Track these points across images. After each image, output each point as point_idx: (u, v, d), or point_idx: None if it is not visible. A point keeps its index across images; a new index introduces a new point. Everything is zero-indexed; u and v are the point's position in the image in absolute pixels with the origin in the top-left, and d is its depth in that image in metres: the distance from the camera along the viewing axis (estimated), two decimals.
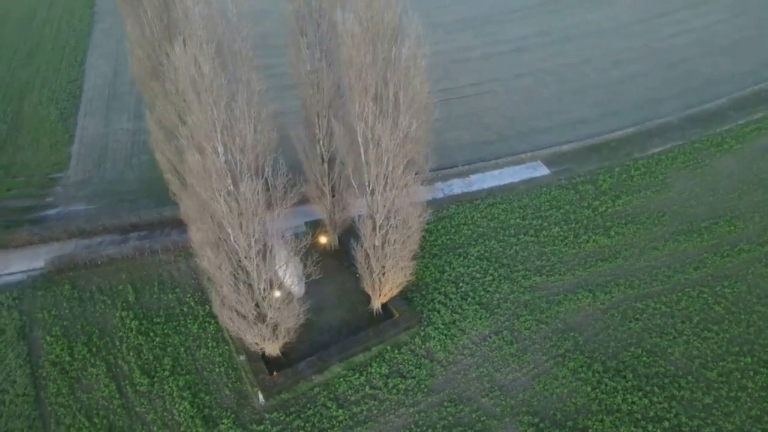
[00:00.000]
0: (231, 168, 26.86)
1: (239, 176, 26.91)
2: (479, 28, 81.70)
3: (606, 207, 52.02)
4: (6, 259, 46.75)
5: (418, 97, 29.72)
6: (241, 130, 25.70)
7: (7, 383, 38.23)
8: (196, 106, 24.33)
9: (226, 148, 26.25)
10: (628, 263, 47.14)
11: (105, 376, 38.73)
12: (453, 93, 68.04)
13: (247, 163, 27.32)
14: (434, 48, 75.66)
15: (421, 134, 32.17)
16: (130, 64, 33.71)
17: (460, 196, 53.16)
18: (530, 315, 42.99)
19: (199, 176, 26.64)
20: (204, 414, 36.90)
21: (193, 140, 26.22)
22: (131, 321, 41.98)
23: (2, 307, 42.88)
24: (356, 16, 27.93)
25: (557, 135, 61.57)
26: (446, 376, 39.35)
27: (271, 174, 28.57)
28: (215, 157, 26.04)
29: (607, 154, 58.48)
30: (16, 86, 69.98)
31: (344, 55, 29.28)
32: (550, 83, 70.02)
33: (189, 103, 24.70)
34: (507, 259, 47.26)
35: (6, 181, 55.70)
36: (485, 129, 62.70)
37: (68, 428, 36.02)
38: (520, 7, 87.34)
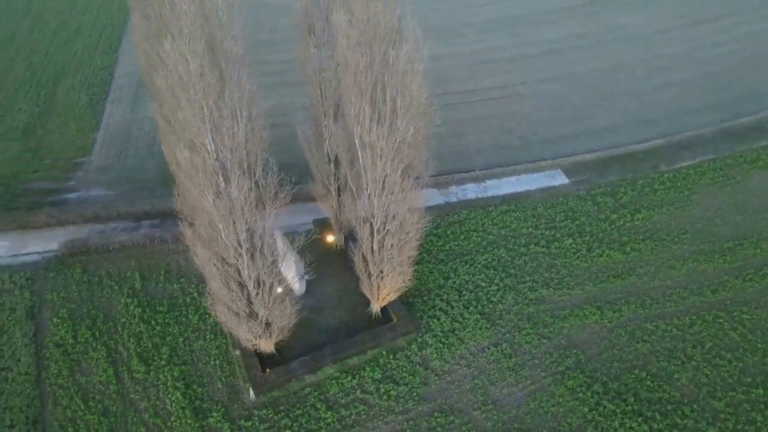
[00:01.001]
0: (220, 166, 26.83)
1: (229, 174, 26.86)
2: (510, 29, 79.93)
3: (624, 221, 50.18)
4: (24, 240, 48.24)
5: (415, 102, 28.98)
6: (229, 128, 25.61)
7: (11, 361, 39.44)
8: (184, 103, 24.37)
9: (215, 145, 26.22)
10: (642, 281, 45.37)
11: (104, 361, 39.54)
12: (478, 95, 66.81)
13: (237, 162, 27.26)
14: (462, 48, 75.48)
15: (419, 140, 31.48)
16: (137, 56, 34.15)
17: (473, 202, 52.14)
18: (533, 329, 41.85)
19: (188, 173, 26.72)
20: (195, 405, 37.29)
21: (183, 137, 26.29)
22: (135, 308, 42.73)
23: (15, 286, 44.21)
24: (352, 17, 27.40)
25: (581, 143, 59.74)
26: (440, 385, 38.70)
27: (262, 174, 28.40)
28: (204, 155, 26.06)
29: (631, 166, 56.39)
30: (51, 71, 72.04)
31: (340, 57, 28.87)
32: (579, 89, 67.96)
33: (177, 100, 24.77)
34: (515, 269, 46.12)
35: (33, 164, 57.44)
36: (507, 133, 61.32)
37: (64, 410, 36.93)
38: (555, 8, 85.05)
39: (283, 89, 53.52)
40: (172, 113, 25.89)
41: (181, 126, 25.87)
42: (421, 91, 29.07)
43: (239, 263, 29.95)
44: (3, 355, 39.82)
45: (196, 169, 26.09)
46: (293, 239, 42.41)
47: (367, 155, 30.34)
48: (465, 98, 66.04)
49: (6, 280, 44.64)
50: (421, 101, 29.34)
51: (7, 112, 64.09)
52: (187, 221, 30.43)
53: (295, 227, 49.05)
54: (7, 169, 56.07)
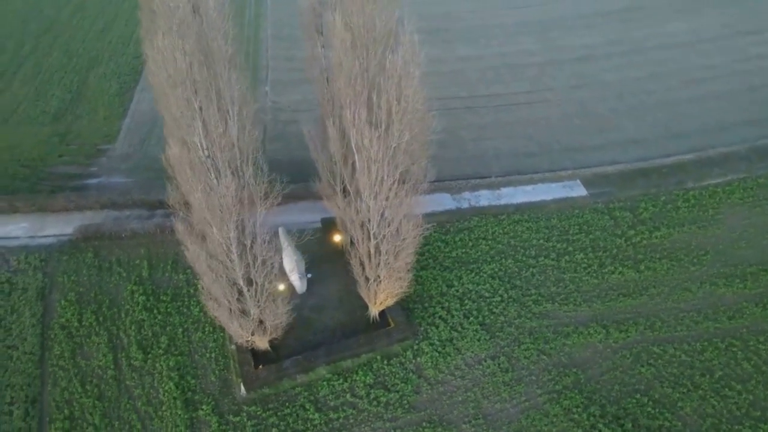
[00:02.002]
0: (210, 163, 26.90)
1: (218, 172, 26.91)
2: (543, 33, 78.03)
3: (641, 238, 48.33)
4: (43, 222, 49.72)
5: (411, 108, 28.38)
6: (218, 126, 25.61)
7: (18, 340, 40.72)
8: (173, 100, 24.49)
9: (205, 143, 26.29)
10: (654, 302, 43.63)
11: (105, 346, 40.40)
12: (502, 99, 65.44)
13: (227, 160, 27.27)
14: (491, 50, 74.17)
15: (416, 146, 30.88)
16: (144, 51, 34.62)
17: (485, 209, 51.08)
18: (533, 344, 40.76)
19: (177, 169, 26.91)
20: (186, 397, 37.74)
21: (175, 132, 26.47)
22: (139, 296, 43.51)
23: (29, 267, 45.60)
24: (347, 20, 26.99)
25: (605, 154, 57.87)
26: (431, 395, 38.10)
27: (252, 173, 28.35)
28: (194, 152, 26.17)
29: (655, 180, 54.26)
30: (86, 58, 74.08)
31: (334, 59, 28.53)
32: (609, 98, 65.83)
33: (166, 97, 24.94)
34: (521, 281, 45.01)
35: (60, 148, 59.16)
36: (529, 140, 59.89)
37: (62, 391, 37.92)
38: (593, 13, 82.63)
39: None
40: (166, 109, 26.07)
41: (173, 122, 26.03)
42: (417, 97, 28.40)
43: (228, 261, 30.03)
44: (11, 333, 41.13)
45: (184, 166, 26.23)
46: (299, 236, 42.73)
47: (362, 159, 29.96)
48: (488, 102, 64.79)
49: (22, 260, 46.08)
50: (418, 107, 28.67)
51: (41, 97, 66.19)
52: (180, 216, 30.69)
53: (304, 224, 49.24)
54: (34, 153, 57.91)
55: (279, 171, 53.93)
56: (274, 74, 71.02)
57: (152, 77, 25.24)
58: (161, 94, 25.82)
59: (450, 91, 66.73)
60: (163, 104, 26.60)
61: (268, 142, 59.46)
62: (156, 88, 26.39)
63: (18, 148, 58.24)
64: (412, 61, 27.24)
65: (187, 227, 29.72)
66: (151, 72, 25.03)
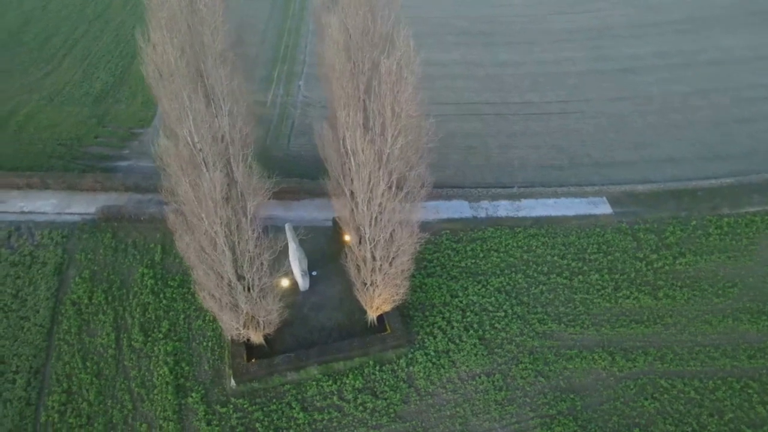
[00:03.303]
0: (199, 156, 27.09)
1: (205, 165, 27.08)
2: (589, 41, 75.18)
3: (663, 263, 45.88)
4: (70, 200, 51.71)
5: (404, 114, 27.68)
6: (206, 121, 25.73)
7: (31, 311, 42.47)
8: (162, 94, 24.78)
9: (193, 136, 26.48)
10: (668, 333, 41.37)
11: (110, 325, 41.62)
12: (535, 108, 63.50)
13: (217, 154, 27.38)
14: (532, 57, 72.01)
15: (411, 153, 30.15)
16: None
17: (502, 220, 49.68)
18: (532, 364, 39.37)
19: (166, 160, 27.25)
20: (179, 383, 38.42)
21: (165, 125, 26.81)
22: (149, 279, 44.59)
23: (52, 242, 47.49)
24: (342, 22, 26.53)
25: (637, 172, 55.25)
26: (419, 406, 37.39)
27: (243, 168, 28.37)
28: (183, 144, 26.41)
29: (687, 203, 51.38)
30: (133, 44, 76.01)
31: (327, 60, 28.14)
32: (649, 112, 62.79)
33: (156, 90, 25.25)
34: (528, 297, 43.55)
35: (96, 130, 61.33)
36: (558, 152, 57.86)
37: (64, 365, 39.32)
38: (646, 22, 78.94)
39: None
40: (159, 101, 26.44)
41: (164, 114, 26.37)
42: (411, 104, 27.65)
43: (215, 255, 30.23)
44: (26, 304, 42.94)
45: (172, 157, 26.53)
46: (308, 234, 42.66)
47: (355, 162, 29.52)
48: (521, 110, 63.00)
49: (45, 235, 48.04)
50: (411, 113, 27.94)
51: (86, 80, 68.81)
52: (172, 206, 31.12)
53: (319, 222, 49.30)
54: (72, 132, 60.24)
55: (301, 166, 55.06)
56: (309, 69, 71.25)
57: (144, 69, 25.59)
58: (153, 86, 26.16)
59: (483, 96, 65.32)
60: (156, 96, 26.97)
61: (293, 137, 59.80)
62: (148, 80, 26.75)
63: (58, 127, 60.71)
64: (406, 67, 26.47)
65: (178, 217, 30.09)
66: (143, 63, 25.42)
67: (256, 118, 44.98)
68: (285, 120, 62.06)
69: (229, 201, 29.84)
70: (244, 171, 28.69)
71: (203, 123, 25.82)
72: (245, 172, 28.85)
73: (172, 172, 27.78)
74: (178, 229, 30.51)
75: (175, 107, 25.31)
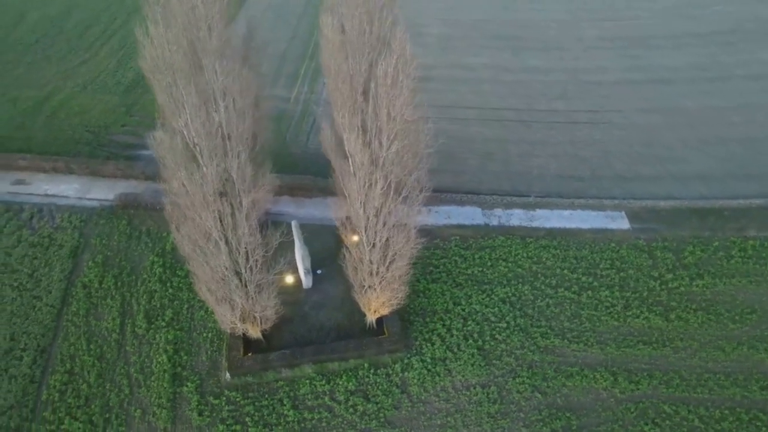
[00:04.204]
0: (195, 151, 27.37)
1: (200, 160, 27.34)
2: (623, 50, 72.98)
3: (679, 283, 44.13)
4: (91, 185, 53.21)
5: (399, 118, 27.31)
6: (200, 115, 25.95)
7: (44, 292, 43.85)
8: (157, 86, 25.15)
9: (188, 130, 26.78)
10: (677, 357, 39.76)
11: (116, 310, 42.60)
12: (560, 116, 62.02)
13: (212, 149, 27.60)
14: (563, 64, 70.44)
15: (408, 157, 29.74)
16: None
17: (514, 229, 48.67)
18: (530, 378, 38.44)
19: (160, 153, 27.66)
20: (176, 371, 39.02)
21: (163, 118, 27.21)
22: (158, 267, 45.45)
23: (70, 226, 48.94)
24: (338, 24, 26.33)
25: (661, 187, 53.31)
26: (410, 413, 36.96)
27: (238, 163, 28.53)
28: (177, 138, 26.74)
29: (712, 223, 49.27)
30: None
31: (323, 61, 27.99)
32: (681, 126, 60.51)
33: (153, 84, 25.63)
34: (533, 310, 42.54)
35: (124, 118, 62.95)
36: (580, 162, 56.35)
37: (69, 346, 40.43)
38: (685, 33, 76.14)
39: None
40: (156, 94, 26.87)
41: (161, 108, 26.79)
42: (406, 108, 27.23)
43: (209, 249, 30.52)
44: (40, 284, 44.36)
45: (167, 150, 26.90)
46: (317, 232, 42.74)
47: (350, 164, 29.33)
48: (545, 117, 61.65)
49: (65, 218, 49.53)
50: (407, 117, 27.53)
51: (120, 69, 70.72)
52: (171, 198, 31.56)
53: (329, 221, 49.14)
54: (101, 120, 61.98)
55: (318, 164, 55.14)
56: None
57: (142, 62, 26.02)
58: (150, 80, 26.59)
59: (508, 102, 64.20)
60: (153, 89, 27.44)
61: (313, 135, 59.92)
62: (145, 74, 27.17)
63: (88, 114, 62.57)
64: (402, 71, 26.07)
65: (175, 209, 30.51)
66: (141, 57, 25.84)
67: (269, 115, 45.46)
68: (306, 117, 62.36)
69: (225, 196, 30.05)
70: (239, 166, 28.82)
71: (197, 117, 26.08)
72: (240, 167, 28.98)
73: (167, 165, 28.17)
74: (175, 220, 30.92)
75: (170, 101, 25.68)
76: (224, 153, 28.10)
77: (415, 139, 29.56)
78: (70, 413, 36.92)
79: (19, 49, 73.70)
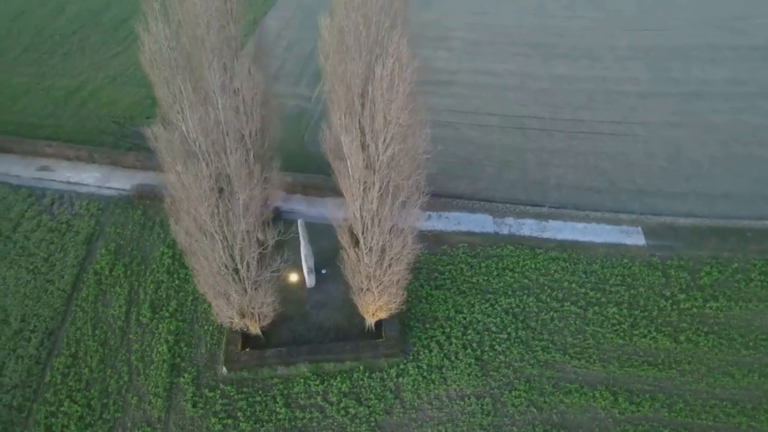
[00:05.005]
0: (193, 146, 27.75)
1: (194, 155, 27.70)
2: (658, 61, 70.86)
3: (692, 304, 42.56)
4: (111, 175, 54.60)
5: (394, 123, 27.07)
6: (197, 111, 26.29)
7: (57, 276, 45.17)
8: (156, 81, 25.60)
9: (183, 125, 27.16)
10: (683, 380, 38.36)
11: (123, 298, 43.55)
12: (584, 126, 60.63)
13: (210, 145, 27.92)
14: (591, 73, 69.07)
15: (405, 162, 29.46)
16: None
17: (524, 239, 47.76)
18: (527, 392, 37.65)
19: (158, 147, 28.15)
20: (175, 362, 39.64)
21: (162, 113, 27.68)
22: (167, 258, 46.27)
23: (87, 213, 50.30)
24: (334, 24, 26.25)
25: (683, 204, 51.53)
26: (401, 419, 36.65)
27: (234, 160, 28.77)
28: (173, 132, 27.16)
29: (732, 244, 47.35)
30: None
31: (321, 63, 27.96)
32: (711, 142, 58.42)
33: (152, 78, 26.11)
34: (536, 323, 41.66)
35: (149, 111, 64.12)
36: (600, 175, 54.95)
37: (76, 331, 41.54)
38: (726, 45, 73.43)
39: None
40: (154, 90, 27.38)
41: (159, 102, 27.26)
42: (402, 111, 26.96)
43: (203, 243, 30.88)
44: (54, 268, 45.71)
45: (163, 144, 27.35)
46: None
47: (345, 166, 29.25)
48: (568, 127, 60.38)
49: (84, 206, 50.95)
50: (402, 122, 27.26)
51: None
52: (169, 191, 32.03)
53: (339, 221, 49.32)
54: (127, 111, 63.58)
55: None
56: None
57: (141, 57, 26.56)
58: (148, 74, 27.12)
59: (531, 109, 63.13)
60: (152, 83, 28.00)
61: None
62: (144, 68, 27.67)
63: (115, 105, 64.28)
64: (398, 75, 25.82)
65: (174, 203, 30.99)
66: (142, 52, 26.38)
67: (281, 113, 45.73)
68: (326, 116, 62.45)
69: (223, 192, 30.36)
70: (235, 163, 29.08)
71: (195, 113, 26.44)
72: (237, 164, 29.23)
73: (165, 159, 28.66)
74: (173, 213, 31.41)
75: (168, 95, 26.12)
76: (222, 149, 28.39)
77: (412, 143, 29.27)
78: (70, 396, 37.91)
79: (56, 40, 76.35)
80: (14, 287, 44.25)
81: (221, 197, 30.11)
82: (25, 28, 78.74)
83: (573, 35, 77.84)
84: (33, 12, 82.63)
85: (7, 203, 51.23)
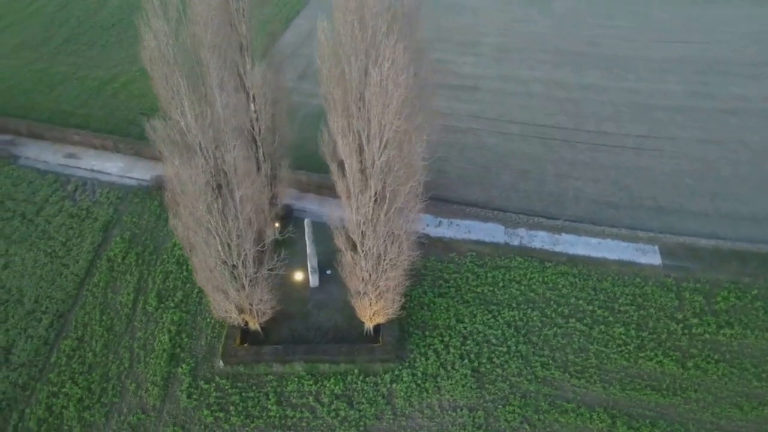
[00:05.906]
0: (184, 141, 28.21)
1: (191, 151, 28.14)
2: (692, 75, 68.51)
3: (704, 330, 40.92)
4: (134, 166, 56.10)
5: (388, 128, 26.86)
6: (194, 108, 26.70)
7: (72, 260, 46.62)
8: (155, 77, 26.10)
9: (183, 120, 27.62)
10: (687, 407, 36.89)
11: (132, 286, 44.62)
12: (608, 139, 59.05)
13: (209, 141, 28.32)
14: (622, 84, 67.39)
15: (400, 167, 29.20)
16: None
17: (534, 251, 46.81)
18: (521, 408, 36.86)
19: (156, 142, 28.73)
20: (174, 352, 40.36)
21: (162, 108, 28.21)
22: (177, 249, 47.08)
23: (107, 201, 51.78)
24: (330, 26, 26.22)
25: (706, 225, 49.62)
26: (391, 426, 36.39)
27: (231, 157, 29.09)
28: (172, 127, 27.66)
29: (754, 269, 45.30)
30: None
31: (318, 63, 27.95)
32: (742, 162, 56.09)
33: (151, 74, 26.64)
34: (538, 338, 40.76)
35: None
36: (620, 189, 53.40)
37: (85, 315, 42.77)
38: (764, 61, 70.49)
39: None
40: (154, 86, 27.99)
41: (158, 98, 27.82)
42: (397, 116, 26.72)
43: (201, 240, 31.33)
44: (70, 253, 47.19)
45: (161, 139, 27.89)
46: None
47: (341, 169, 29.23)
48: (591, 139, 58.94)
49: (104, 193, 52.50)
50: (396, 129, 27.03)
51: None
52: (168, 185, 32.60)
53: None
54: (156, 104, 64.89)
55: None
56: None
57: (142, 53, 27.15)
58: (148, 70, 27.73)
59: (555, 119, 61.89)
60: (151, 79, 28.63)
61: None
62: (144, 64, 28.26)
63: (145, 97, 65.85)
64: (392, 80, 25.61)
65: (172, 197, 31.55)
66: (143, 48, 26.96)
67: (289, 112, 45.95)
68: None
69: (221, 188, 30.75)
70: (232, 160, 29.41)
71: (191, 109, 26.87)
72: (234, 161, 29.56)
73: (163, 153, 29.22)
74: (172, 207, 31.98)
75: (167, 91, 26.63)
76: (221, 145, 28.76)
77: (408, 149, 29.01)
78: (73, 378, 39.04)
79: (96, 32, 78.97)
80: (32, 269, 45.88)
81: (220, 193, 30.49)
82: (67, 20, 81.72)
83: (608, 45, 76.03)
84: (76, 4, 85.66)
85: (34, 187, 53.19)
